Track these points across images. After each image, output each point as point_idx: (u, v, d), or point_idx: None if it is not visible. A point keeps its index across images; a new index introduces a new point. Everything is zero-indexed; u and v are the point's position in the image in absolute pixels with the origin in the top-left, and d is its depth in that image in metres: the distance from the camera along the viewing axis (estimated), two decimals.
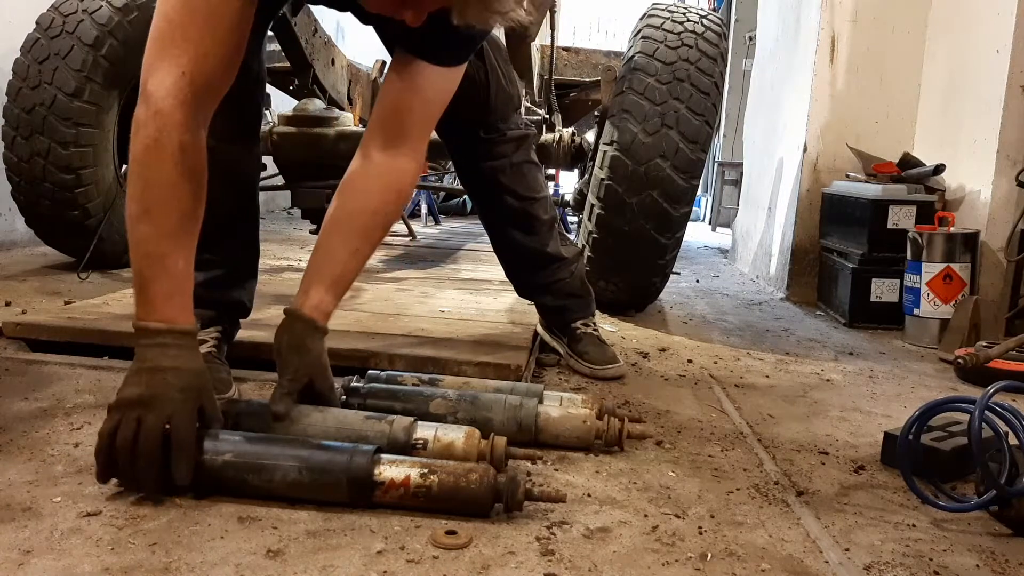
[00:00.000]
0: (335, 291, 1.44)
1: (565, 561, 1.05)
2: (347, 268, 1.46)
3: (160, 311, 1.23)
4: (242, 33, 1.31)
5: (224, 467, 1.16)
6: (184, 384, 1.20)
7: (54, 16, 2.97)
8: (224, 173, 1.37)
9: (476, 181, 2.02)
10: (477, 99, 1.83)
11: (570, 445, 1.45)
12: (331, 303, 1.44)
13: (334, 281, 1.44)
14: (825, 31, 3.50)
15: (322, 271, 1.44)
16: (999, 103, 2.80)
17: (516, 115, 2.01)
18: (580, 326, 2.11)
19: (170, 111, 1.23)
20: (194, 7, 1.26)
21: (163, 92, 1.23)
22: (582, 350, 2.06)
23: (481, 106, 1.87)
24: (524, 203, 2.01)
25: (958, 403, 1.34)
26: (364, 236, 1.48)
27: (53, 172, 2.91)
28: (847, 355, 2.56)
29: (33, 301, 2.51)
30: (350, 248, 1.45)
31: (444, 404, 1.45)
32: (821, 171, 3.56)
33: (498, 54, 1.93)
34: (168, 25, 1.25)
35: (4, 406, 1.51)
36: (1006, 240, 2.79)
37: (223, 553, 1.02)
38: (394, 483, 1.14)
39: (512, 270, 2.15)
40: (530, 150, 2.04)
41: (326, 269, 1.44)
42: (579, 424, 1.45)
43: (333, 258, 1.45)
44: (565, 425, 1.45)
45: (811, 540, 1.17)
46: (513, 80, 1.99)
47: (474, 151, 1.95)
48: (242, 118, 1.80)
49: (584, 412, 1.47)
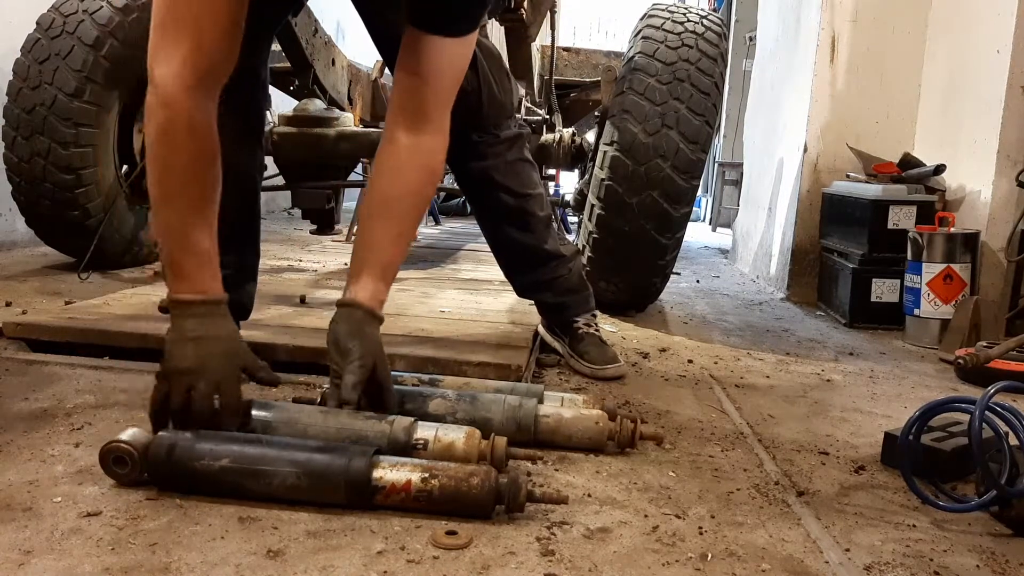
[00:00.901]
0: (385, 278, 1.46)
1: (565, 561, 1.05)
2: (393, 254, 1.48)
3: (192, 283, 1.32)
4: (236, 19, 1.32)
5: (222, 472, 1.15)
6: (226, 350, 1.31)
7: (54, 16, 2.97)
8: (227, 175, 1.38)
9: (470, 180, 2.02)
10: (469, 107, 1.83)
11: (582, 447, 1.45)
12: (383, 291, 1.45)
13: (383, 268, 1.45)
14: (825, 31, 3.50)
15: (369, 260, 1.45)
16: (999, 103, 2.80)
17: (510, 120, 2.01)
18: (582, 326, 2.10)
19: (177, 98, 1.29)
20: None
21: (168, 80, 1.28)
22: (583, 350, 2.06)
23: (473, 113, 1.87)
24: (519, 200, 2.00)
25: (958, 403, 1.34)
26: (404, 219, 1.49)
27: (53, 172, 2.91)
28: (847, 355, 2.56)
29: (33, 301, 2.51)
30: (392, 234, 1.47)
31: (443, 404, 1.45)
32: (821, 171, 3.56)
33: (492, 62, 1.92)
34: (167, 11, 1.29)
35: (4, 406, 1.51)
36: (1006, 240, 2.79)
37: (223, 553, 1.02)
38: (395, 488, 1.14)
39: (510, 269, 2.15)
40: (523, 148, 2.03)
41: (373, 257, 1.45)
42: (591, 426, 1.44)
43: (378, 246, 1.46)
44: (577, 427, 1.44)
45: (811, 540, 1.17)
46: (507, 89, 1.98)
47: (467, 152, 1.95)
48: (247, 121, 1.80)
49: (596, 414, 1.46)
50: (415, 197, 1.50)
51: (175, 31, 1.28)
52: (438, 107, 1.49)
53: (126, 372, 1.75)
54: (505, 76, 1.99)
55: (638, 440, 1.46)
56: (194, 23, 1.28)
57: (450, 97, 1.51)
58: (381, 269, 1.45)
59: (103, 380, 1.70)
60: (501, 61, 2.03)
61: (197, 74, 1.29)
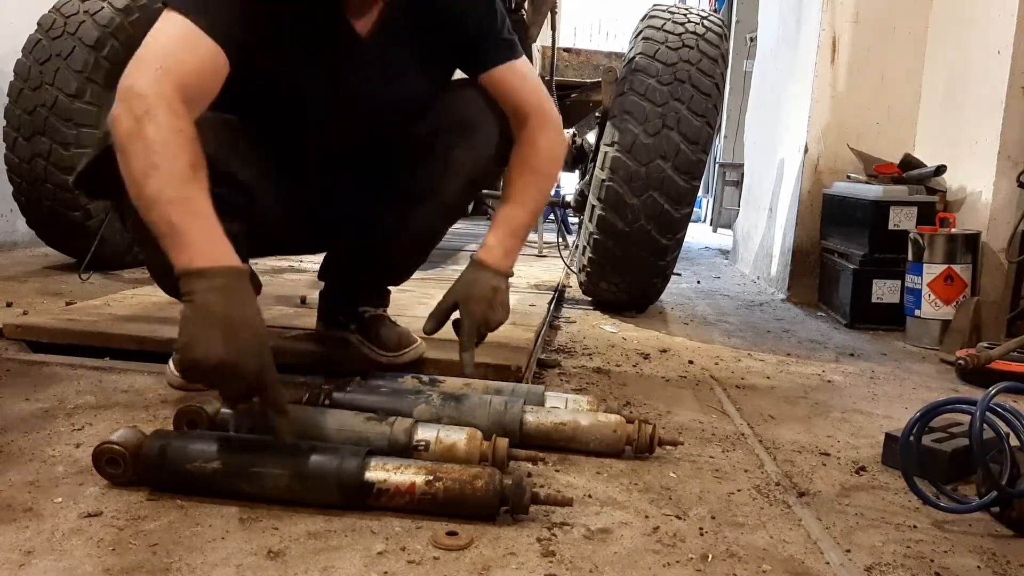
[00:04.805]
0: (504, 231, 1.60)
1: (566, 562, 1.05)
2: (518, 212, 1.61)
3: (207, 252, 1.13)
4: (217, 69, 1.30)
5: (215, 474, 1.15)
6: (259, 341, 1.13)
7: (55, 17, 2.97)
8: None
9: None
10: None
11: (600, 452, 1.44)
12: (495, 242, 1.59)
13: (506, 224, 1.61)
14: (826, 32, 3.50)
15: (497, 222, 1.61)
16: (1000, 104, 2.80)
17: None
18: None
19: (153, 95, 1.19)
20: (173, 34, 1.27)
21: (143, 84, 1.20)
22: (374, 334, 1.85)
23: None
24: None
25: (959, 404, 1.34)
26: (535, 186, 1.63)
27: (54, 173, 2.91)
28: (848, 356, 2.56)
29: (34, 302, 2.51)
30: (520, 198, 1.61)
31: (428, 410, 1.43)
32: (822, 172, 3.56)
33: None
34: (146, 48, 1.26)
35: (5, 407, 1.51)
36: (1007, 241, 2.79)
37: (224, 554, 1.02)
38: (399, 489, 1.13)
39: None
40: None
41: (499, 219, 1.61)
42: (609, 433, 1.43)
43: (503, 210, 1.61)
44: (594, 434, 1.43)
45: (812, 541, 1.17)
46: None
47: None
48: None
49: (614, 421, 1.45)
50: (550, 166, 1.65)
51: (151, 58, 1.24)
52: (531, 101, 1.62)
53: (127, 372, 1.75)
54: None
55: (656, 445, 1.45)
56: (174, 52, 1.25)
57: (540, 88, 1.64)
58: (501, 225, 1.61)
59: (104, 381, 1.70)
60: None
61: (173, 83, 1.21)
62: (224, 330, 1.10)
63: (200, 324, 1.10)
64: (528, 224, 1.63)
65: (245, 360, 1.11)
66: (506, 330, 2.21)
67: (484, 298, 1.57)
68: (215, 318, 1.10)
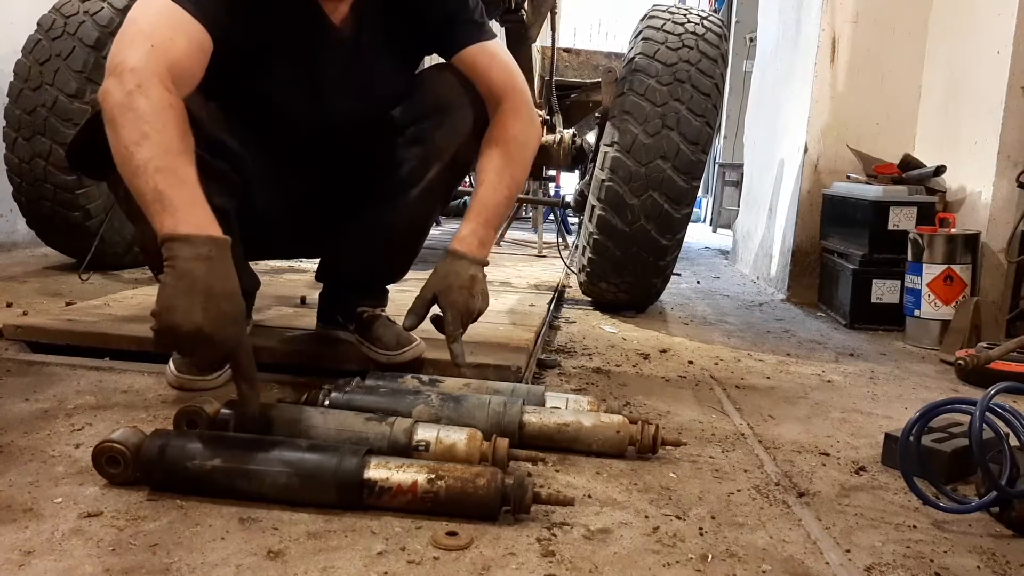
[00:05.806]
0: (477, 221, 1.59)
1: (566, 562, 1.05)
2: (490, 200, 1.60)
3: (191, 219, 1.16)
4: (204, 51, 1.34)
5: (213, 472, 1.15)
6: (238, 313, 1.17)
7: (55, 17, 2.97)
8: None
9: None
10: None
11: (603, 453, 1.44)
12: (469, 232, 1.58)
13: (478, 213, 1.59)
14: (826, 32, 3.50)
15: (471, 211, 1.60)
16: (1000, 104, 2.81)
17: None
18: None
19: (144, 70, 1.22)
20: (160, 12, 1.31)
21: (134, 60, 1.23)
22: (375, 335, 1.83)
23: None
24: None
25: (959, 404, 1.34)
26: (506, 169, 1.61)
27: (54, 173, 2.91)
28: (848, 356, 2.56)
29: (34, 302, 2.51)
30: (492, 185, 1.60)
31: (427, 411, 1.43)
32: (822, 172, 3.56)
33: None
34: (133, 24, 1.29)
35: (5, 407, 1.51)
36: (1007, 241, 2.79)
37: (224, 554, 1.02)
38: (401, 488, 1.13)
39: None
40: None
41: (473, 207, 1.61)
42: (612, 434, 1.43)
43: (476, 198, 1.61)
44: (597, 435, 1.43)
45: (812, 541, 1.17)
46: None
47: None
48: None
49: (617, 421, 1.45)
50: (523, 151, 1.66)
51: (139, 37, 1.27)
52: (508, 84, 1.63)
53: (127, 373, 1.75)
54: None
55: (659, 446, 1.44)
56: (161, 30, 1.28)
57: (516, 72, 1.65)
58: (476, 214, 1.60)
59: (104, 381, 1.70)
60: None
61: (165, 61, 1.25)
62: (205, 299, 1.12)
63: (181, 291, 1.12)
64: (502, 211, 1.63)
65: (223, 330, 1.14)
66: (506, 330, 2.23)
67: (463, 287, 1.55)
68: (197, 286, 1.12)
